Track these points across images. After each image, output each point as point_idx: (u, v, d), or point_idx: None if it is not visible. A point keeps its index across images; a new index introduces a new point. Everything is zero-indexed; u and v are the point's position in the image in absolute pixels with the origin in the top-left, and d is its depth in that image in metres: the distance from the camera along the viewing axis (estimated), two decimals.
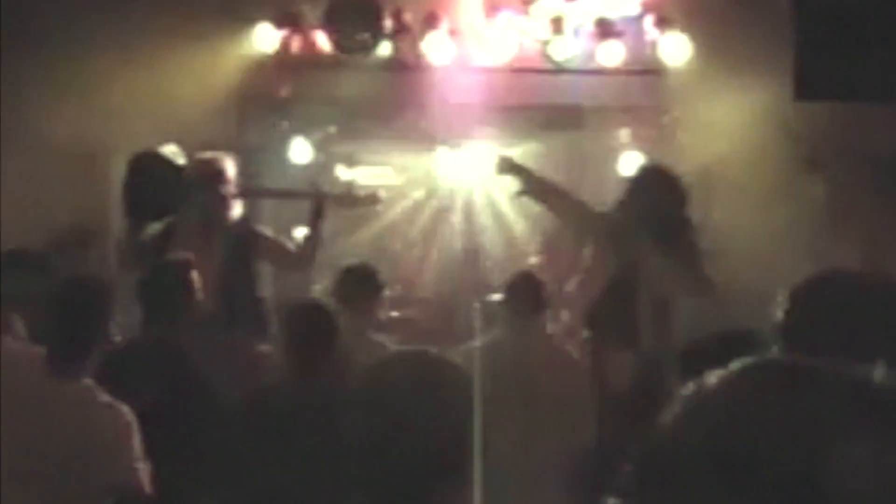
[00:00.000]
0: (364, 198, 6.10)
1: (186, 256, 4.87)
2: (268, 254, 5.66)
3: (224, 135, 7.34)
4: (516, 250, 7.72)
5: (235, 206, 5.62)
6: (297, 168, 7.56)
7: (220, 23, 7.33)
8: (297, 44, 7.50)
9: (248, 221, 5.72)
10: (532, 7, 7.35)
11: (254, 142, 7.65)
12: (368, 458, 1.99)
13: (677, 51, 7.35)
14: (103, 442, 3.77)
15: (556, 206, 5.78)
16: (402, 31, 7.41)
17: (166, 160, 5.82)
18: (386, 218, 7.68)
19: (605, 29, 7.32)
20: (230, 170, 5.63)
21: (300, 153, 7.61)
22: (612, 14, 7.38)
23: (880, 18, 6.92)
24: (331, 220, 6.07)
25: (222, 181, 5.56)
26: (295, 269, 5.92)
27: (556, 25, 7.31)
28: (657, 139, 7.38)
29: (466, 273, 7.77)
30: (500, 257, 7.74)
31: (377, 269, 5.84)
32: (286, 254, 5.66)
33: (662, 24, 7.36)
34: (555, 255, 7.23)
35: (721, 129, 7.38)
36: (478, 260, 7.85)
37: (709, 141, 7.38)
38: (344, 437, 2.02)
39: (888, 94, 6.87)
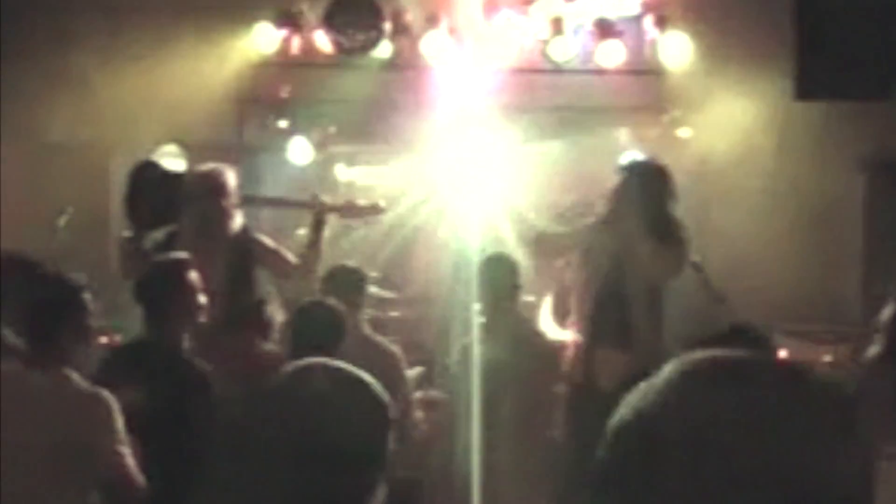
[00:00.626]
0: (366, 208, 6.03)
1: (184, 256, 4.85)
2: (268, 264, 5.62)
3: (224, 135, 7.36)
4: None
5: (236, 218, 5.55)
6: (296, 168, 7.56)
7: (220, 23, 7.34)
8: (297, 44, 7.51)
9: (248, 231, 5.66)
10: (532, 7, 7.35)
11: (254, 142, 7.66)
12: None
13: (677, 51, 7.35)
14: (85, 428, 3.81)
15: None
16: (402, 31, 7.42)
17: (167, 170, 5.80)
18: (384, 218, 7.67)
19: (604, 29, 7.32)
20: (231, 182, 5.53)
21: (300, 153, 7.61)
22: (611, 14, 7.37)
23: (880, 18, 6.93)
24: (330, 225, 6.04)
25: (223, 194, 5.47)
26: (295, 279, 5.89)
27: (556, 25, 7.31)
28: (657, 139, 7.37)
29: (465, 274, 7.74)
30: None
31: (358, 267, 5.83)
32: (287, 265, 5.62)
33: (662, 24, 7.36)
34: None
35: (721, 129, 7.38)
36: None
37: (708, 141, 7.38)
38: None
39: (888, 95, 6.88)
